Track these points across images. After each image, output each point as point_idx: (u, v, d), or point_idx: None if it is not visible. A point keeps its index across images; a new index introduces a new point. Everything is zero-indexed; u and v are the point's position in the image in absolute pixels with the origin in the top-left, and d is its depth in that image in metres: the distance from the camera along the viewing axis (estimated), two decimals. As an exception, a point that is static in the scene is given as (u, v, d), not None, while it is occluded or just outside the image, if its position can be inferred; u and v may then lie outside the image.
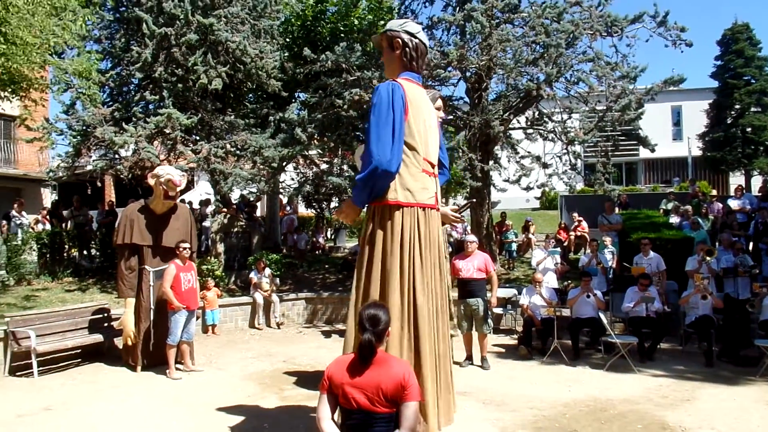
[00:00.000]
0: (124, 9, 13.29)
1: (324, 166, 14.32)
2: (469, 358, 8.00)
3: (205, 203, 15.52)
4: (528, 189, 12.26)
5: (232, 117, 13.07)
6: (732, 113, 28.33)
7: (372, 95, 4.02)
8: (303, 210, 19.93)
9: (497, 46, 10.93)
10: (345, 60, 11.35)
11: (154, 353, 7.78)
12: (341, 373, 3.13)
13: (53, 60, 10.23)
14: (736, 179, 28.21)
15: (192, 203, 14.96)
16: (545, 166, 12.76)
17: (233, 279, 12.60)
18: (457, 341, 7.89)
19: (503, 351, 8.94)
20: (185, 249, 7.70)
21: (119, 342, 8.25)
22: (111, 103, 12.90)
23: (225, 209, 13.44)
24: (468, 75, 12.09)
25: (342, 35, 13.91)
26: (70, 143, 12.20)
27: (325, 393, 3.17)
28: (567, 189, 12.83)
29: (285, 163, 13.45)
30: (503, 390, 6.63)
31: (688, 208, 13.45)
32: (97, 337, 8.24)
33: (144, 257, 7.94)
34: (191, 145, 12.44)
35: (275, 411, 5.87)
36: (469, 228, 13.48)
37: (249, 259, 12.52)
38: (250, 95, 15.12)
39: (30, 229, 13.20)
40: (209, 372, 7.67)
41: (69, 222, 13.63)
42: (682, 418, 5.66)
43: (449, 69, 11.63)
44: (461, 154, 11.09)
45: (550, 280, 10.34)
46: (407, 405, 3.05)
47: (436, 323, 4.09)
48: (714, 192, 17.28)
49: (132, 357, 7.86)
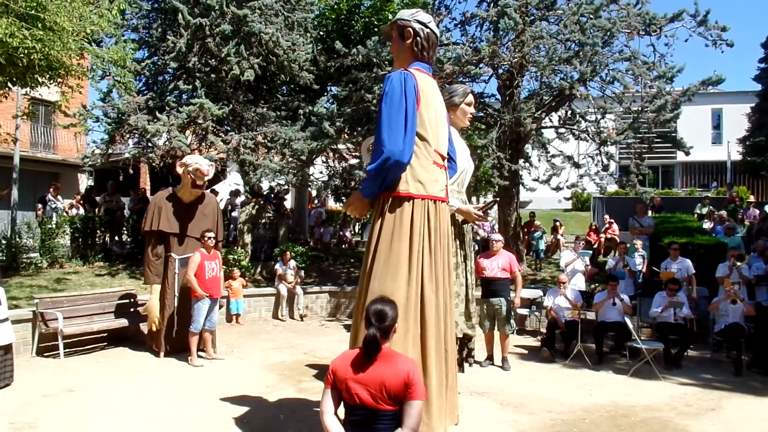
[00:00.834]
0: (162, -1, 13.50)
1: (353, 160, 14.34)
2: (490, 358, 7.91)
3: (235, 194, 15.68)
4: (558, 189, 12.08)
5: (263, 109, 13.17)
6: (775, 117, 27.46)
7: (384, 84, 3.93)
8: (332, 203, 20.00)
9: (530, 43, 10.78)
10: (376, 54, 11.32)
11: (177, 340, 7.88)
12: (345, 368, 3.11)
13: (90, 48, 10.41)
14: (776, 185, 27.38)
15: (218, 192, 15.10)
16: (577, 166, 12.55)
17: (259, 270, 12.71)
18: (479, 340, 7.84)
19: (525, 352, 8.83)
20: (210, 238, 7.78)
21: (144, 327, 8.39)
22: (146, 92, 13.11)
23: (253, 200, 13.56)
24: (500, 72, 11.96)
25: (375, 30, 13.89)
26: (105, 130, 12.46)
27: (329, 387, 3.15)
28: (598, 190, 12.59)
29: (314, 156, 13.49)
30: (523, 392, 6.54)
31: (722, 212, 13.10)
32: (123, 322, 8.39)
33: (170, 245, 8.04)
34: (222, 136, 12.57)
35: (292, 402, 5.89)
36: (497, 227, 13.35)
37: (275, 251, 12.61)
38: (282, 87, 15.22)
39: (64, 214, 13.50)
40: (230, 361, 7.75)
41: (101, 207, 13.91)
42: (705, 427, 5.50)
43: (481, 65, 11.52)
44: (490, 152, 10.97)
45: (578, 282, 10.19)
46: (411, 404, 3.01)
47: (444, 319, 4.02)
48: (752, 197, 16.77)
49: (156, 342, 7.98)
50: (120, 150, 14.57)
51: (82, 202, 14.63)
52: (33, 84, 9.59)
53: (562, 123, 13.05)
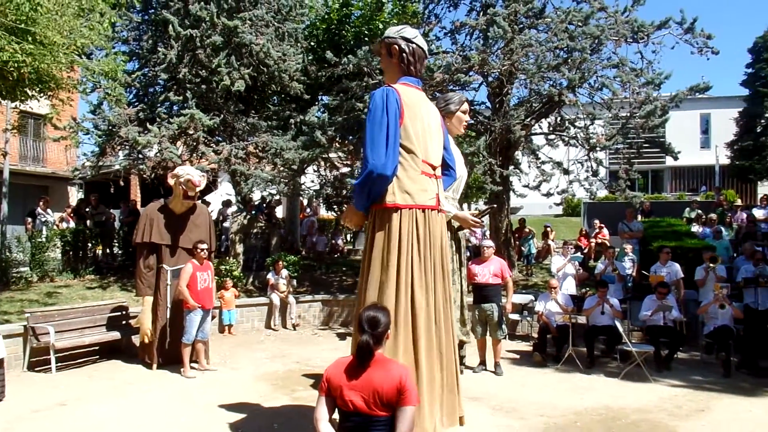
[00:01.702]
0: (152, 11, 13.52)
1: (345, 169, 14.39)
2: (483, 363, 7.95)
3: (227, 204, 15.68)
4: (548, 195, 12.17)
5: (254, 119, 13.21)
6: (762, 122, 27.76)
7: (369, 102, 4.10)
8: (324, 212, 20.02)
9: (519, 51, 10.89)
10: (367, 64, 11.39)
11: (169, 351, 7.87)
12: (339, 375, 3.15)
13: (81, 60, 10.43)
14: (764, 188, 27.59)
15: (210, 203, 15.12)
16: (566, 172, 12.66)
17: (251, 280, 12.71)
18: (471, 346, 7.88)
19: (518, 357, 8.87)
20: (203, 250, 7.79)
21: (136, 340, 8.37)
22: (136, 104, 13.11)
23: (245, 210, 13.57)
24: (490, 80, 12.07)
25: (366, 39, 13.98)
26: (95, 142, 12.46)
27: (324, 395, 3.19)
28: (588, 196, 12.70)
29: (305, 166, 13.53)
30: (515, 396, 6.58)
31: (713, 215, 13.24)
32: (115, 335, 8.36)
33: (162, 256, 8.05)
34: (213, 146, 12.60)
35: (286, 411, 5.91)
36: (488, 233, 13.41)
37: (267, 260, 12.61)
38: (273, 97, 15.26)
39: (55, 227, 13.46)
40: (223, 371, 7.75)
41: (89, 220, 13.89)
42: (695, 428, 5.56)
43: (471, 73, 11.63)
44: (481, 158, 11.05)
45: (569, 286, 10.25)
46: (404, 410, 3.05)
47: (438, 323, 4.09)
48: (739, 201, 16.93)
49: (148, 355, 7.97)
50: (110, 162, 14.56)
51: (72, 215, 14.59)
52: (23, 97, 9.60)
53: (551, 129, 13.17)
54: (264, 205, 15.46)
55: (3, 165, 17.16)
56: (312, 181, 15.65)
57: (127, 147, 12.77)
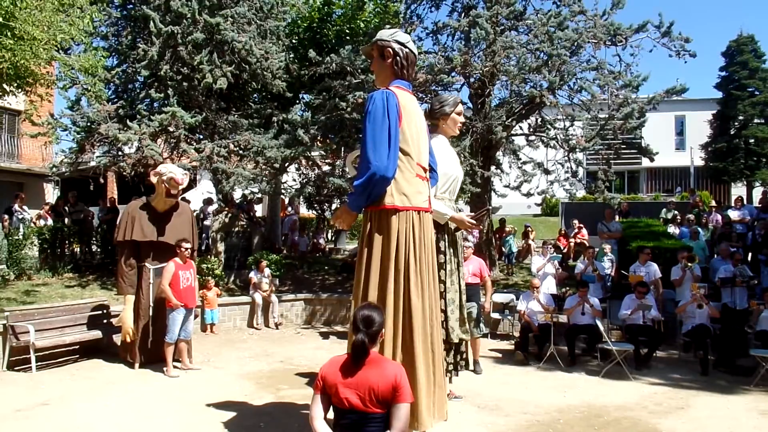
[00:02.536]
0: (131, 6, 13.36)
1: (326, 167, 14.38)
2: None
3: (207, 202, 15.57)
4: (528, 195, 12.31)
5: (236, 116, 13.14)
6: (735, 124, 28.34)
7: (367, 103, 4.11)
8: (304, 211, 19.98)
9: (501, 52, 10.98)
10: (350, 63, 11.40)
11: (152, 350, 7.82)
12: (334, 374, 3.18)
13: (60, 56, 10.28)
14: (737, 190, 28.19)
15: (190, 201, 15.01)
16: (547, 172, 12.80)
17: (233, 278, 12.64)
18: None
19: (500, 356, 8.96)
20: (186, 249, 7.74)
21: (118, 339, 8.29)
22: (116, 100, 12.95)
23: (226, 208, 13.49)
24: (471, 81, 12.14)
25: (347, 38, 13.98)
26: (74, 139, 12.30)
27: (319, 393, 3.22)
28: (567, 196, 12.86)
29: (287, 164, 13.50)
30: (498, 395, 6.65)
31: (690, 216, 13.49)
32: (96, 334, 8.27)
33: (144, 255, 7.98)
34: (194, 144, 12.50)
35: (271, 410, 5.90)
36: (476, 233, 13.50)
37: (249, 259, 12.56)
38: (254, 95, 15.19)
39: (32, 224, 13.25)
40: (206, 370, 7.71)
41: (67, 218, 13.70)
42: (675, 425, 5.68)
43: (453, 74, 11.69)
44: (463, 159, 11.12)
45: (549, 285, 10.37)
46: (398, 406, 3.10)
47: (431, 322, 4.17)
48: (713, 202, 17.28)
49: (130, 354, 7.90)
50: (88, 159, 14.37)
51: (50, 212, 14.37)
52: (0, 93, 9.44)
53: (532, 130, 13.30)
54: (245, 204, 15.37)
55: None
56: (294, 180, 15.62)
57: (107, 144, 12.62)
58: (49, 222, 13.64)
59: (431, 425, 4.02)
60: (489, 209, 5.44)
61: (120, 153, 12.68)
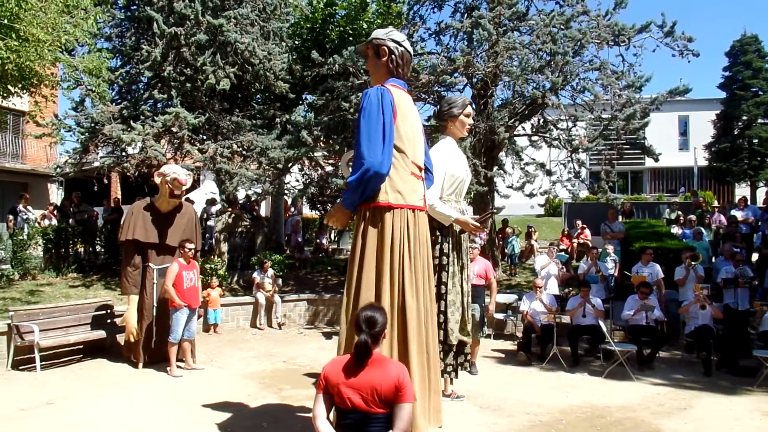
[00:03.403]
0: (135, 8, 13.42)
1: (329, 168, 14.40)
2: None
3: (211, 203, 15.60)
4: (531, 196, 12.30)
5: (239, 117, 13.18)
6: (739, 124, 28.27)
7: (362, 99, 4.11)
8: (307, 211, 20.01)
9: (504, 53, 10.99)
10: (352, 64, 11.42)
11: (155, 350, 7.85)
12: (337, 374, 3.19)
13: (64, 57, 10.34)
14: (741, 190, 28.12)
15: (194, 202, 15.04)
16: (549, 173, 12.80)
17: (236, 278, 12.68)
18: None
19: (503, 356, 8.97)
20: (190, 249, 7.78)
21: (121, 338, 8.33)
22: (120, 101, 13.02)
23: (230, 209, 13.53)
24: (474, 81, 12.15)
25: (350, 39, 13.99)
26: (78, 140, 12.33)
27: (321, 392, 3.24)
28: (570, 196, 12.86)
29: (290, 165, 13.54)
30: (501, 395, 6.66)
31: (692, 217, 13.48)
32: (100, 333, 8.31)
33: (148, 255, 8.01)
34: (198, 145, 12.55)
35: (274, 410, 5.92)
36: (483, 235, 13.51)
37: (252, 259, 12.59)
38: (257, 96, 15.23)
39: (36, 225, 13.30)
40: (210, 370, 7.74)
41: (72, 218, 13.74)
42: (677, 426, 5.69)
43: (455, 75, 11.70)
44: (466, 160, 11.12)
45: (551, 286, 10.38)
46: (401, 406, 3.11)
47: (426, 324, 4.14)
48: (716, 203, 17.26)
49: (134, 354, 7.93)
50: (92, 160, 14.42)
51: (55, 212, 14.42)
52: (5, 94, 9.50)
53: (534, 131, 13.31)
54: (248, 204, 15.40)
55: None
56: (297, 180, 15.64)
57: (111, 144, 12.67)
58: (54, 222, 13.68)
59: (426, 429, 4.01)
60: (493, 211, 5.43)
61: (124, 153, 12.73)
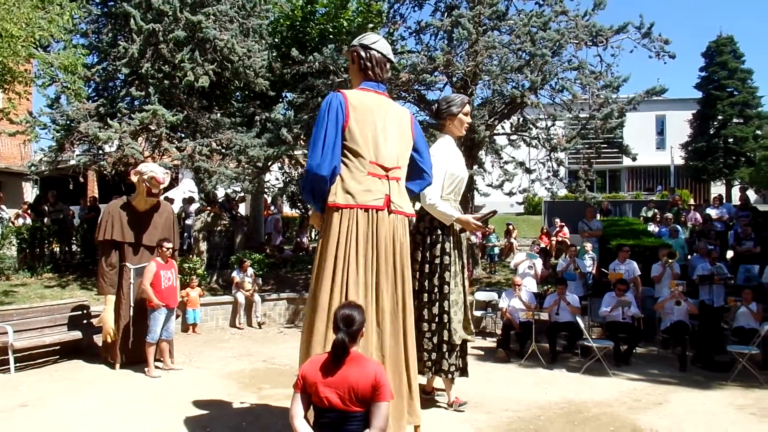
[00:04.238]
0: (112, 3, 13.22)
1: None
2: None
3: (189, 201, 15.46)
4: (510, 194, 12.38)
5: (218, 115, 13.06)
6: (715, 124, 28.78)
7: None
8: (287, 210, 19.91)
9: (483, 52, 11.03)
10: (333, 62, 11.39)
11: (133, 351, 7.75)
12: (315, 373, 3.19)
13: (39, 53, 10.18)
14: (717, 188, 28.62)
15: (173, 200, 14.90)
16: (528, 171, 12.90)
17: (215, 278, 12.58)
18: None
19: (482, 353, 9.02)
20: (168, 248, 7.70)
21: (98, 339, 8.21)
22: (96, 98, 12.83)
23: (209, 207, 13.42)
24: (454, 80, 12.18)
25: (331, 37, 13.96)
26: (53, 137, 12.14)
27: (299, 392, 3.23)
28: (549, 195, 12.97)
29: (270, 163, 13.46)
30: (480, 392, 6.69)
31: (669, 215, 13.67)
32: (76, 334, 8.17)
33: (125, 254, 7.91)
34: (176, 143, 12.42)
35: (254, 409, 5.89)
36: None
37: (231, 258, 12.50)
38: (236, 94, 15.12)
39: (10, 224, 13.08)
40: (188, 370, 7.67)
41: (47, 217, 13.54)
42: (653, 420, 5.77)
43: (436, 74, 11.72)
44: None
45: (528, 284, 10.46)
46: (379, 405, 3.12)
47: (381, 325, 4.20)
48: (692, 201, 17.52)
49: (111, 354, 7.83)
50: (68, 158, 14.20)
51: (29, 211, 14.19)
52: (-22, 90, 9.32)
53: (514, 130, 13.38)
54: (227, 203, 15.29)
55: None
56: (277, 179, 15.56)
57: (87, 142, 12.48)
58: (28, 221, 13.47)
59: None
60: (495, 211, 5.49)
61: (100, 152, 12.56)
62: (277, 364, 8.12)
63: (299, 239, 16.82)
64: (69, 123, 11.79)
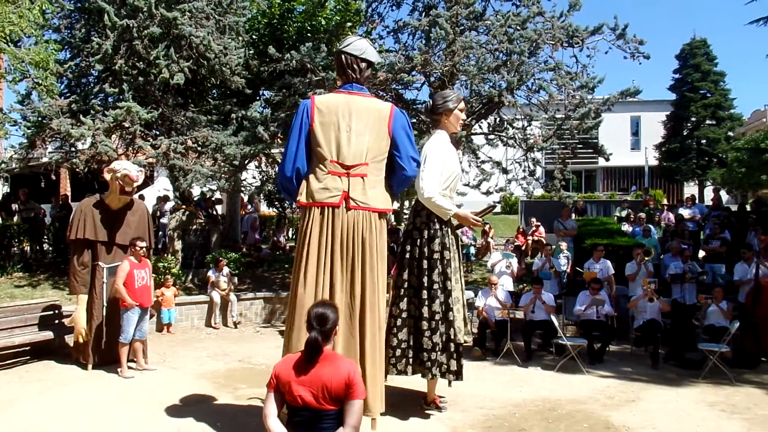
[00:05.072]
0: (85, -2, 13.01)
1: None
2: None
3: (164, 199, 15.29)
4: (488, 193, 12.45)
5: (193, 113, 12.91)
6: (688, 125, 29.24)
7: None
8: (264, 209, 19.79)
9: (461, 52, 11.07)
10: (310, 60, 11.34)
11: (106, 351, 7.63)
12: (288, 371, 3.18)
13: (9, 48, 9.98)
14: (690, 189, 29.10)
15: (145, 197, 14.71)
16: (505, 171, 12.97)
17: (190, 277, 12.45)
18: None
19: (458, 352, 9.04)
20: (141, 247, 7.59)
21: (70, 339, 8.07)
22: (68, 95, 12.59)
23: (184, 206, 13.27)
24: (432, 80, 12.21)
25: (308, 35, 13.89)
26: (24, 134, 11.90)
27: (272, 391, 3.22)
28: (525, 194, 13.07)
29: (247, 161, 13.35)
30: (456, 390, 6.68)
31: (642, 215, 13.86)
32: (47, 335, 8.02)
33: (98, 253, 7.78)
34: (150, 140, 12.25)
35: (229, 410, 5.85)
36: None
37: (207, 258, 12.38)
38: (213, 91, 14.97)
39: (-21, 222, 12.82)
40: (162, 371, 7.58)
41: (17, 216, 13.28)
42: (626, 417, 5.84)
43: (413, 73, 11.74)
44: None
45: (505, 282, 10.53)
46: (352, 403, 3.12)
47: (358, 317, 4.43)
48: (665, 201, 17.81)
49: (83, 355, 7.70)
50: (39, 155, 13.95)
51: (-1, 209, 13.92)
52: (-55, 85, 9.10)
53: (491, 130, 13.44)
54: (204, 201, 15.15)
55: None
56: (254, 177, 15.45)
57: (59, 139, 12.26)
58: (-2, 220, 13.21)
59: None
60: (493, 206, 5.54)
61: (73, 149, 12.34)
62: (253, 363, 8.06)
63: (276, 238, 16.73)
64: (41, 119, 11.56)
